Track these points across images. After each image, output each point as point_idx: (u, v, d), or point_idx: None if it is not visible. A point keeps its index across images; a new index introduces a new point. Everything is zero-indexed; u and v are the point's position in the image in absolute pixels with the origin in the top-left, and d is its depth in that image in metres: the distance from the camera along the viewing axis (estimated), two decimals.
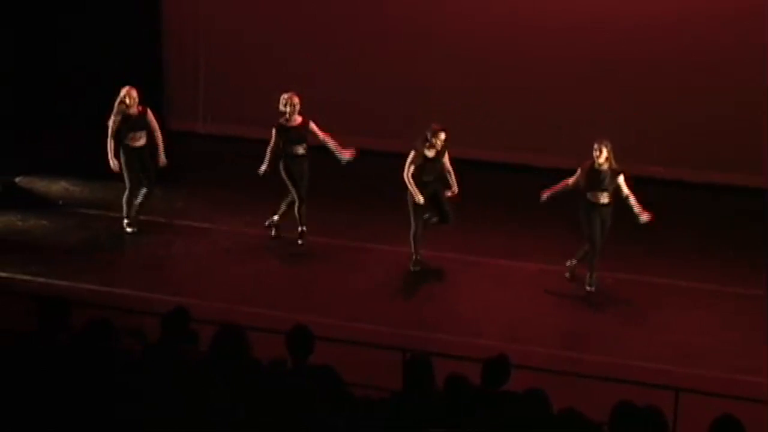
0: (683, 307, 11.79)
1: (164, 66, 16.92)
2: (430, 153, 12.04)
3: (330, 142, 12.76)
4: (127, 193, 13.26)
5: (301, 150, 12.77)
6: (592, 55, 15.16)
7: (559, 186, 11.85)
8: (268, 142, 12.77)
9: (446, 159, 12.13)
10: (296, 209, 12.92)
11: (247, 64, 16.49)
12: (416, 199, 11.99)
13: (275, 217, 13.13)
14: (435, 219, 12.41)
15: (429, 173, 12.07)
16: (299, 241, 13.00)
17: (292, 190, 12.88)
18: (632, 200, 11.70)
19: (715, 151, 14.79)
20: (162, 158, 13.24)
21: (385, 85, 15.82)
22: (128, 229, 13.39)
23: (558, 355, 10.55)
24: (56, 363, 6.92)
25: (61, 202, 14.54)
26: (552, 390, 6.78)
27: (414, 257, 12.38)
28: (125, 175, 13.16)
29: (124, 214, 13.37)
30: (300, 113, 12.71)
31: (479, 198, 14.21)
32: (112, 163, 13.05)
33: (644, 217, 11.73)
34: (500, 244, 12.91)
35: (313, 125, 12.76)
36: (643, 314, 11.73)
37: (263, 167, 12.75)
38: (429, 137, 11.96)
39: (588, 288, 11.92)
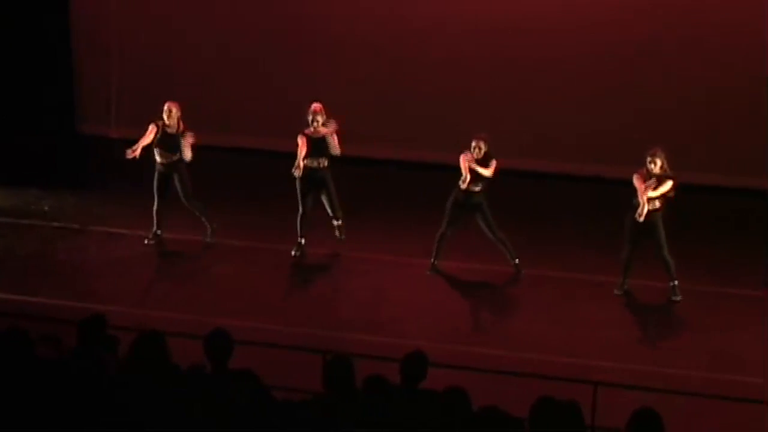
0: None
1: (75, 68, 16.68)
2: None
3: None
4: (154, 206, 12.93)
5: (319, 162, 12.55)
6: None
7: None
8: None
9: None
10: (298, 218, 12.72)
11: (161, 66, 16.32)
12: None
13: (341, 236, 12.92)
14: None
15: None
16: (293, 252, 12.81)
17: (300, 202, 12.68)
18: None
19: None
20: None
21: (304, 89, 15.75)
22: (145, 242, 12.98)
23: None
24: None
25: None
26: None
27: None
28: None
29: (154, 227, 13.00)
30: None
31: (405, 199, 14.44)
32: (129, 151, 12.60)
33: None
34: (422, 244, 12.94)
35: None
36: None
37: (297, 173, 12.46)
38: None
39: (617, 292, 11.90)
